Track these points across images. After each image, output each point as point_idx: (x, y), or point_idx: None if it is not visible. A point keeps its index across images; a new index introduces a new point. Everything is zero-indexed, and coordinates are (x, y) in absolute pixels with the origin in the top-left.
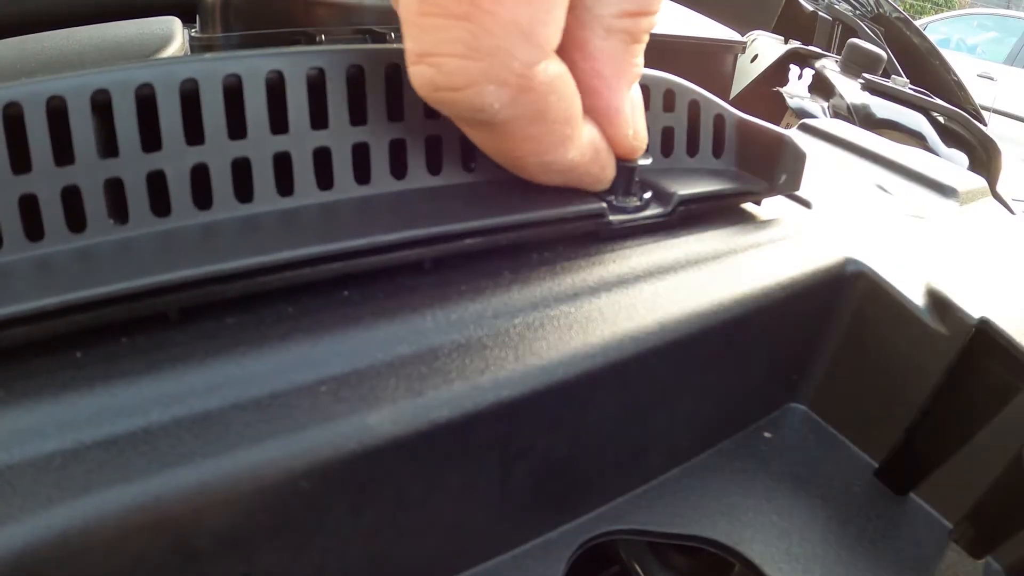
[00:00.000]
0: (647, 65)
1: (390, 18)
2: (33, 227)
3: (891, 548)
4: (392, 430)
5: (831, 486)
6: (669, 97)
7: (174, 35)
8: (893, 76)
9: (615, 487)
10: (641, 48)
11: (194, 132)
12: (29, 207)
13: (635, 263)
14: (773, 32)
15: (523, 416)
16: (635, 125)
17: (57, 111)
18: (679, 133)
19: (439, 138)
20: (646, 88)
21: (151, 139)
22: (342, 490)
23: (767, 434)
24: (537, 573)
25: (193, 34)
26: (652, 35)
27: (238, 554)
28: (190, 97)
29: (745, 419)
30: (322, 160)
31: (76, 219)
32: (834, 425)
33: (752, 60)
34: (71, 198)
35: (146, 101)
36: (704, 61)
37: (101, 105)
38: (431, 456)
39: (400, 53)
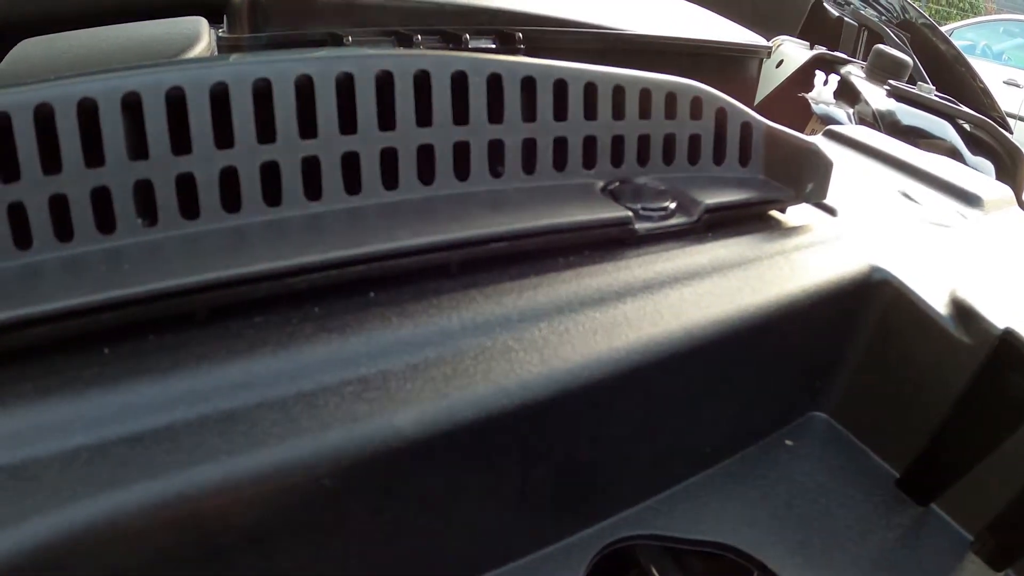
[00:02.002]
0: (673, 71)
1: (416, 20)
2: (63, 227)
3: (911, 558)
4: (417, 431)
5: (852, 495)
6: (696, 105)
7: (201, 35)
8: (919, 83)
9: (636, 492)
10: None
11: (224, 135)
12: (59, 207)
13: (661, 269)
14: (798, 37)
15: (547, 419)
16: None
17: (88, 112)
18: (706, 141)
19: (467, 144)
20: (672, 96)
21: (181, 142)
22: (365, 490)
23: (789, 442)
24: None
25: (221, 34)
26: (679, 39)
27: (260, 551)
28: (220, 100)
29: (767, 427)
30: (351, 165)
31: (106, 220)
32: (856, 434)
33: (777, 65)
34: (101, 199)
35: (176, 103)
36: (730, 66)
37: (132, 107)
38: (455, 458)
39: (430, 60)
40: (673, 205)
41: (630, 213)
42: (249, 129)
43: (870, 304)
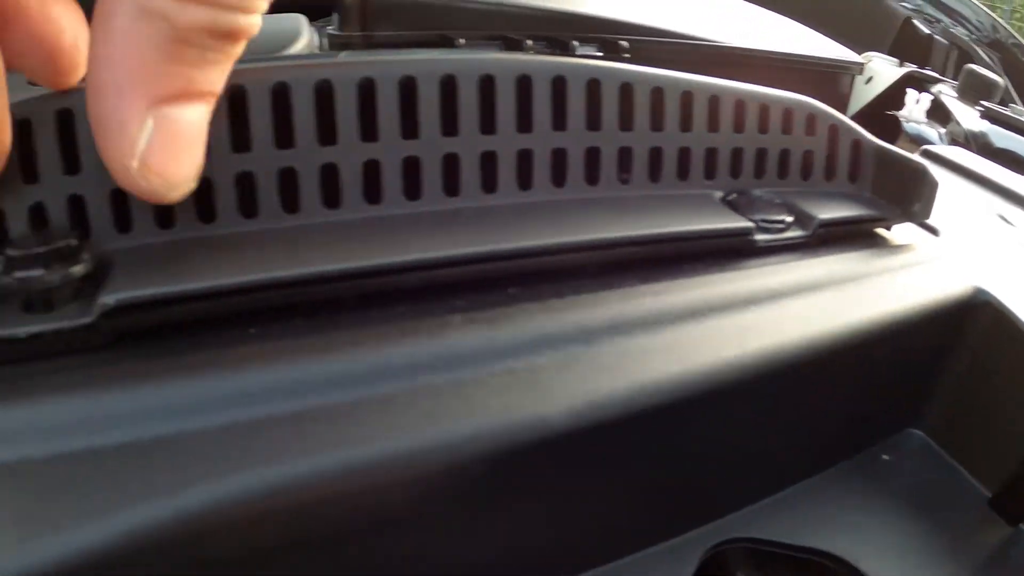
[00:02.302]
0: (769, 84)
1: (524, 24)
2: (206, 210)
3: (1000, 575)
4: (566, 424)
5: (945, 511)
6: (811, 121)
7: (301, 32)
8: (1011, 104)
9: (741, 497)
10: (200, 57)
11: (368, 129)
12: (204, 191)
13: (782, 280)
14: (888, 54)
15: (677, 419)
16: (152, 158)
17: (238, 100)
18: (818, 157)
19: (598, 150)
20: (789, 112)
21: (327, 132)
22: (507, 480)
23: (885, 456)
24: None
25: (331, 31)
26: (777, 54)
27: (400, 533)
28: (367, 94)
29: (866, 440)
30: (489, 164)
31: (249, 206)
32: (950, 452)
33: (867, 82)
34: (244, 185)
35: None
36: (824, 81)
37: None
38: (592, 452)
39: (567, 66)
40: (790, 218)
41: (752, 224)
42: (394, 124)
43: (971, 324)
